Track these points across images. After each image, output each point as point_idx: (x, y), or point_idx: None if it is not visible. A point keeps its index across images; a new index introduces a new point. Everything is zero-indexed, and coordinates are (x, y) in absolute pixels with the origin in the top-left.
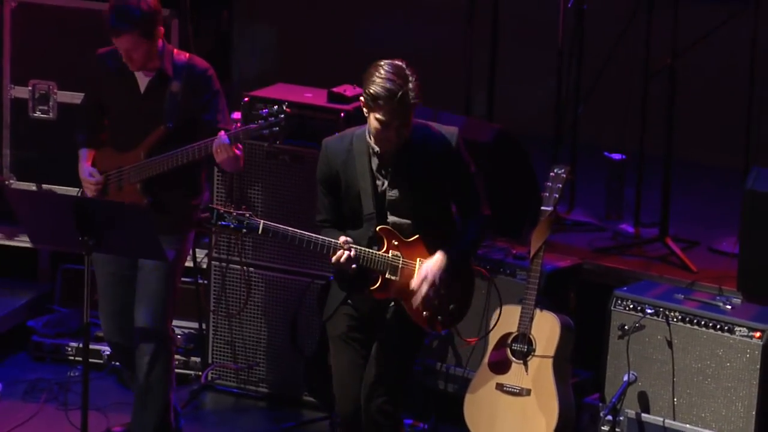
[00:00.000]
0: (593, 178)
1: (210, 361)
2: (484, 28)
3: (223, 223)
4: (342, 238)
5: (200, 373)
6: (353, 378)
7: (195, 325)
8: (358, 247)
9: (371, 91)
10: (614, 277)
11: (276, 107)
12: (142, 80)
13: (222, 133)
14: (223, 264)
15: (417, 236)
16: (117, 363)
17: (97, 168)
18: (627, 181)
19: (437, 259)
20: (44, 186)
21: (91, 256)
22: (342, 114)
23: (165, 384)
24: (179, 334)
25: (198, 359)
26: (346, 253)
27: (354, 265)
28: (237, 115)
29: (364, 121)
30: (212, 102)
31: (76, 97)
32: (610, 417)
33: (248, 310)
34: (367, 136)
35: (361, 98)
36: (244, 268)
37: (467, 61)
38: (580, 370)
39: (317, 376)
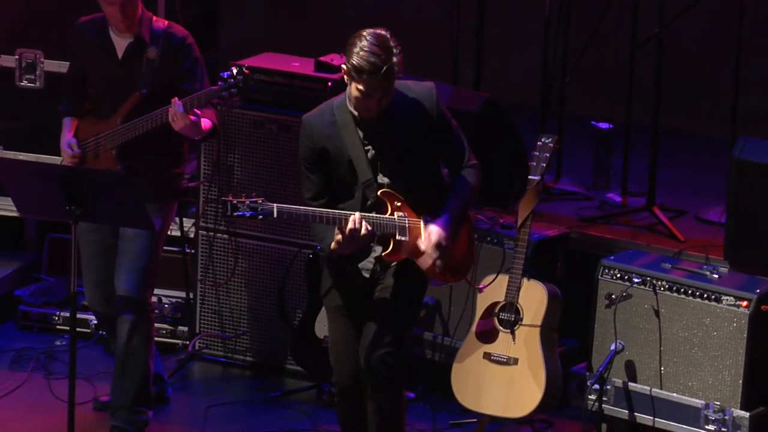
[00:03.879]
0: (580, 147)
1: (197, 331)
2: None
3: (239, 213)
4: (357, 214)
5: (187, 342)
6: (349, 350)
7: (182, 294)
8: (368, 215)
9: (355, 63)
10: (601, 247)
11: (235, 70)
12: (120, 46)
13: (176, 99)
14: (211, 233)
15: (415, 195)
16: (103, 332)
17: (79, 136)
18: (614, 150)
19: (443, 220)
20: (31, 155)
21: (77, 226)
22: (329, 83)
23: (144, 351)
24: (166, 304)
25: (185, 328)
26: (363, 230)
27: (370, 235)
28: None
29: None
30: (192, 70)
31: (63, 66)
32: (597, 386)
33: (235, 280)
34: (348, 104)
35: (344, 67)
36: (232, 237)
37: (455, 31)
38: (568, 339)
39: (304, 345)
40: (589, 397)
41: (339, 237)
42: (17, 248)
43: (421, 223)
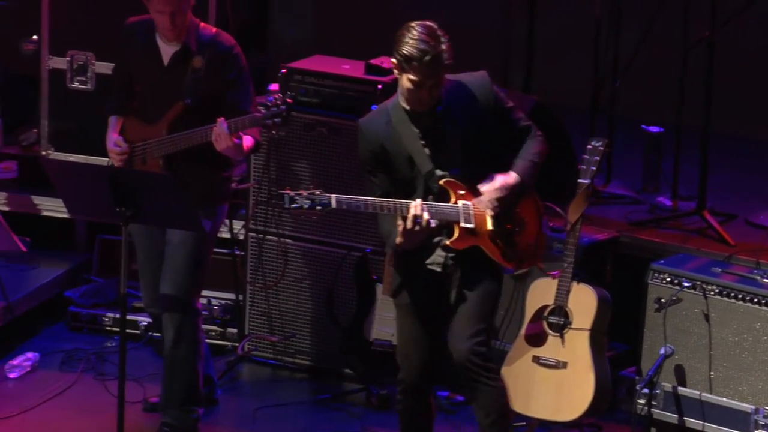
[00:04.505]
0: (630, 150)
1: (246, 333)
2: None
3: (296, 205)
4: (418, 200)
5: (237, 344)
6: (417, 347)
7: (232, 296)
8: (430, 203)
9: (405, 52)
10: (651, 250)
11: (278, 96)
12: (166, 53)
13: (222, 120)
14: (260, 235)
15: (476, 185)
16: (156, 334)
17: (125, 137)
18: (664, 153)
19: (508, 173)
20: (82, 157)
21: (128, 227)
22: (379, 86)
23: (192, 353)
24: (216, 306)
25: (235, 330)
26: (426, 215)
27: (433, 222)
28: (274, 86)
29: None
30: (237, 81)
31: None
32: (646, 390)
33: (285, 282)
34: (401, 101)
35: (393, 60)
36: (281, 239)
37: (505, 33)
38: (617, 343)
39: (353, 347)
40: (639, 401)
41: (401, 228)
42: (68, 249)
43: (487, 211)
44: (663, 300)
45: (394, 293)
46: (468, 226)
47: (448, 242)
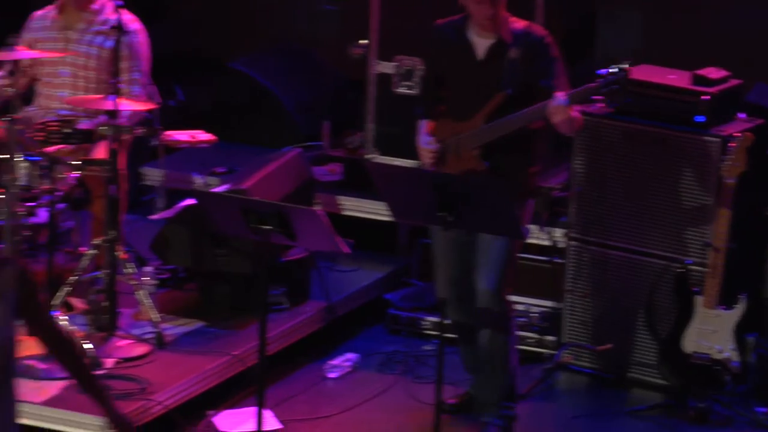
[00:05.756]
0: None
1: (564, 341)
2: None
3: None
4: None
5: (553, 352)
6: None
7: (551, 304)
8: None
9: None
10: None
11: (617, 68)
12: (480, 48)
13: (559, 93)
14: (581, 244)
15: None
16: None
17: (436, 137)
18: None
19: None
20: (406, 161)
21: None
22: (706, 97)
23: (507, 348)
24: (535, 313)
25: (552, 338)
26: None
27: None
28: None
29: (728, 104)
30: (550, 68)
31: None
32: None
33: (603, 291)
34: None
35: None
36: (601, 248)
37: None
38: None
39: (671, 360)
40: None
41: None
42: (389, 252)
43: None
44: None
45: None
46: None
47: None
